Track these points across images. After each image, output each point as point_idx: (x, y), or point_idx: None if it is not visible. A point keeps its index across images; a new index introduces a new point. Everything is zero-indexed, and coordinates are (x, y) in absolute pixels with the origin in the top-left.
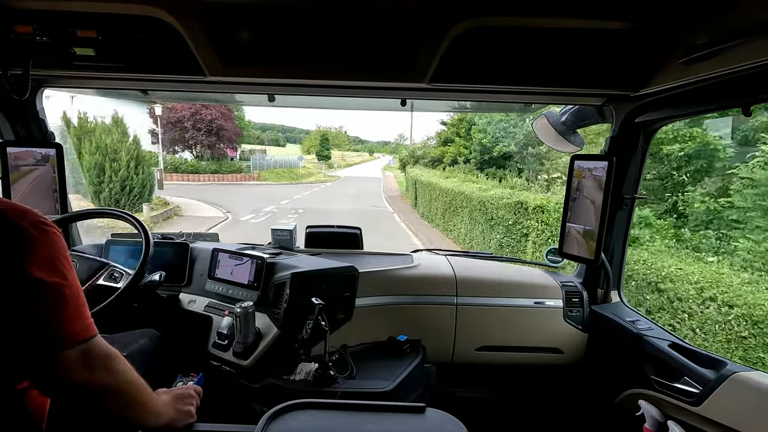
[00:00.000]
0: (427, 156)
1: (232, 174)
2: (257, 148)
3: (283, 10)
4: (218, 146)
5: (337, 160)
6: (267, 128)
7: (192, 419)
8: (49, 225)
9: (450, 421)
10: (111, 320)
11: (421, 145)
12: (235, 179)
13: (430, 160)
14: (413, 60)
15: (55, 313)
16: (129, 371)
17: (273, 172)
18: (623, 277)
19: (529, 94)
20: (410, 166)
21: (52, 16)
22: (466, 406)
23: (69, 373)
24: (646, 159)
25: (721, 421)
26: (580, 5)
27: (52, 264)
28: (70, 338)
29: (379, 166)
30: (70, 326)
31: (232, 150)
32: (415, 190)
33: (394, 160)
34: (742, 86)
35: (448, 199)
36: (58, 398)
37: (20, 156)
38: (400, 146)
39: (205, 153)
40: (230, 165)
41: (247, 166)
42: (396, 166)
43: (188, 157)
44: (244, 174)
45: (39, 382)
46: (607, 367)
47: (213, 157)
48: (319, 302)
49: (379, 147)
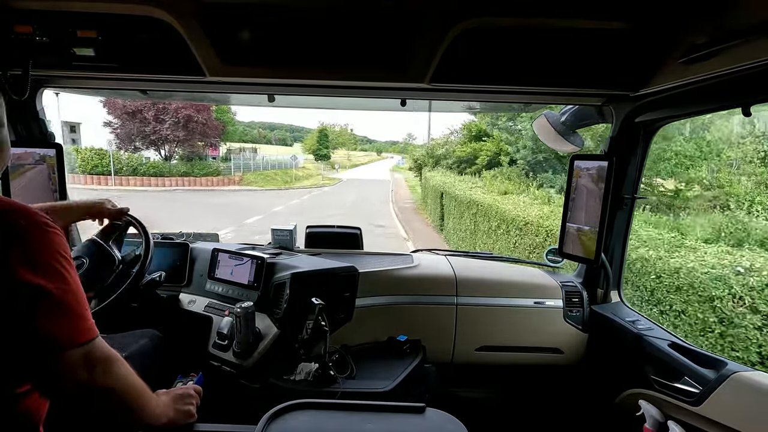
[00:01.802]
0: (450, 155)
1: (207, 177)
2: (247, 146)
3: (283, 10)
4: (189, 142)
5: (341, 159)
6: (275, 128)
7: (192, 419)
8: (51, 225)
9: (450, 421)
10: (111, 320)
11: (442, 142)
12: (210, 183)
13: (455, 160)
14: (413, 60)
15: (57, 314)
16: (130, 374)
17: (261, 174)
18: (623, 277)
19: (529, 94)
20: (428, 169)
21: (52, 16)
22: (466, 406)
23: (70, 375)
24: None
25: (721, 421)
26: (580, 5)
27: (52, 265)
28: (71, 340)
29: (387, 166)
30: (72, 328)
31: (213, 148)
32: (440, 205)
33: (404, 160)
34: (742, 86)
35: (512, 229)
36: (59, 400)
37: (19, 156)
38: (409, 145)
39: (175, 151)
40: (204, 166)
41: (227, 168)
42: (406, 167)
43: (154, 157)
44: (223, 177)
45: (41, 384)
46: (607, 367)
47: (186, 157)
48: (319, 302)
49: (387, 147)
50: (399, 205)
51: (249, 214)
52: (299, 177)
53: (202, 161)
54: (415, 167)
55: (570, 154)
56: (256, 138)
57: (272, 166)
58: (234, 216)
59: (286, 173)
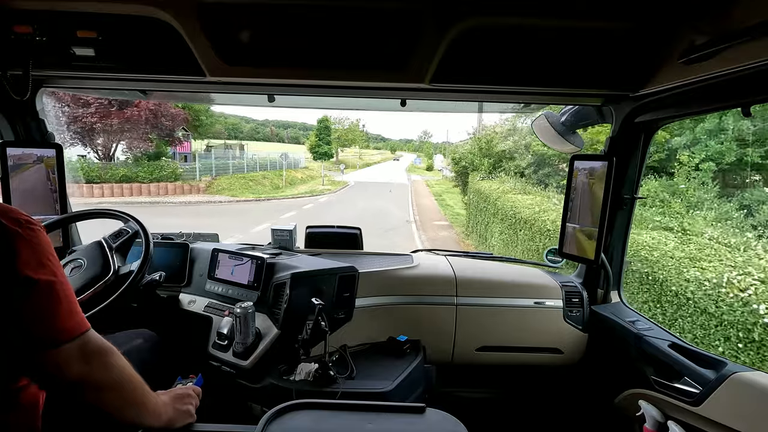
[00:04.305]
0: (524, 151)
1: (161, 183)
2: (233, 142)
3: (283, 10)
4: (131, 135)
5: (352, 158)
6: (289, 125)
7: (191, 419)
8: (35, 223)
9: (450, 421)
10: (111, 320)
11: (497, 135)
12: (164, 191)
13: (535, 161)
14: (413, 60)
15: (49, 309)
16: (126, 367)
17: (241, 178)
18: (623, 278)
19: (528, 95)
20: (481, 175)
21: (51, 16)
22: (466, 406)
23: (66, 368)
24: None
25: (721, 421)
26: (580, 5)
27: (41, 262)
28: (65, 334)
29: (402, 166)
30: (65, 322)
31: (179, 145)
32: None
33: (420, 159)
34: (742, 86)
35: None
36: (56, 393)
37: (19, 156)
38: (424, 143)
39: (116, 148)
40: (154, 168)
41: (188, 171)
42: (423, 167)
43: (79, 154)
44: (183, 183)
45: (37, 378)
46: (607, 367)
47: (142, 157)
48: (319, 302)
49: (401, 145)
50: (427, 227)
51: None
52: (296, 180)
53: (155, 162)
54: (456, 172)
55: (570, 154)
56: (268, 136)
57: (263, 167)
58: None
59: (278, 175)
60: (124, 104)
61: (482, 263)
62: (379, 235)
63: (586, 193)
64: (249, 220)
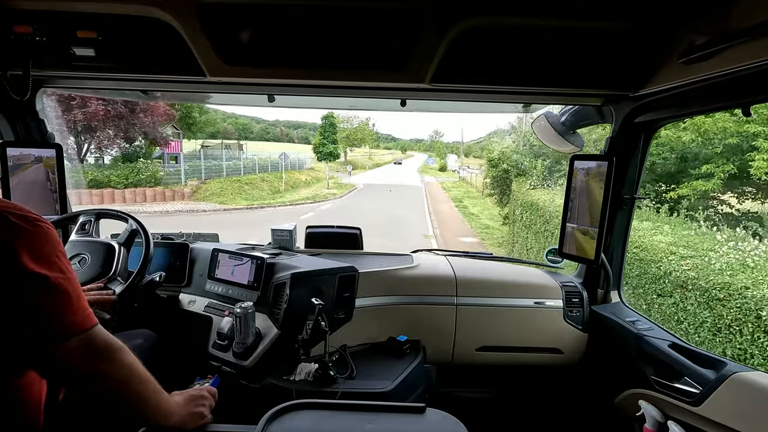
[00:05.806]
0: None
1: (137, 188)
2: (230, 142)
3: (283, 10)
4: (103, 133)
5: (361, 159)
6: (300, 126)
7: (204, 421)
8: (41, 220)
9: (450, 421)
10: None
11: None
12: (142, 198)
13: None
14: (413, 60)
15: (58, 305)
16: (135, 363)
17: (236, 181)
18: (623, 278)
19: (528, 95)
20: (528, 182)
21: (51, 17)
22: (466, 406)
23: (73, 363)
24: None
25: (721, 421)
26: (580, 5)
27: (48, 257)
28: (72, 329)
29: (414, 167)
30: (72, 317)
31: (165, 144)
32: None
33: (433, 159)
34: (742, 86)
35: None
36: (65, 388)
37: (19, 156)
38: (436, 143)
39: (91, 148)
40: (130, 171)
41: (170, 174)
42: (436, 167)
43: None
44: (165, 189)
45: (45, 373)
46: (607, 367)
47: (123, 157)
48: (319, 302)
49: (412, 144)
50: (451, 245)
51: None
52: (299, 183)
53: (132, 164)
54: (493, 177)
55: (570, 154)
56: (278, 136)
57: (266, 167)
58: None
59: (278, 177)
60: (88, 97)
61: (482, 263)
62: (393, 238)
63: (586, 193)
64: (243, 232)
